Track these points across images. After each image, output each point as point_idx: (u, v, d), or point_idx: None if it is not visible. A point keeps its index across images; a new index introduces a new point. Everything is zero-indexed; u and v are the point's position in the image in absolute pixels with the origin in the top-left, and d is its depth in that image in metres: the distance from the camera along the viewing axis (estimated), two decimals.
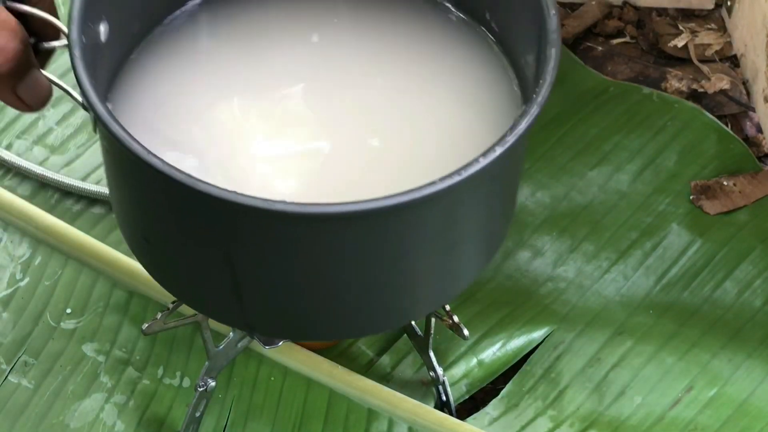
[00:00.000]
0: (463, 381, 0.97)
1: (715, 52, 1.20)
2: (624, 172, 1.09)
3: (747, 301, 1.02)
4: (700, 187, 1.08)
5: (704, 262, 1.04)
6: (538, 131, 1.09)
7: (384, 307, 0.72)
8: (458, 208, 0.66)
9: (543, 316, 1.00)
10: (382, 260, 0.67)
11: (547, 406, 0.96)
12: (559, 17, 0.66)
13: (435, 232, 0.66)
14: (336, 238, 0.65)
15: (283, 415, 0.94)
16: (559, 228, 1.06)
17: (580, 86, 1.14)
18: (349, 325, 0.74)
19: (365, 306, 0.71)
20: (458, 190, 0.61)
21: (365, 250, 0.66)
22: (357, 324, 0.74)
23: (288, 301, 0.69)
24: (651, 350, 0.98)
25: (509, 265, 1.03)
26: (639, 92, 1.14)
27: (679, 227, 1.06)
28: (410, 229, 0.65)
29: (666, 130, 1.11)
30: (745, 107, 1.16)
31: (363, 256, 0.66)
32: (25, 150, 1.09)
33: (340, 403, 0.94)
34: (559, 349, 0.99)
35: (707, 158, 1.10)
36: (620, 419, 0.95)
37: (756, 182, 1.08)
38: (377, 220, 0.64)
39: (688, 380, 0.97)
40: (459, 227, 0.68)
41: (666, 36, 1.21)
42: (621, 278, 1.03)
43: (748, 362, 0.98)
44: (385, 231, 0.65)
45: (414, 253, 0.68)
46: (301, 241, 0.64)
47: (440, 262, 0.70)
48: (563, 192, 1.08)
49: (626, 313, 1.01)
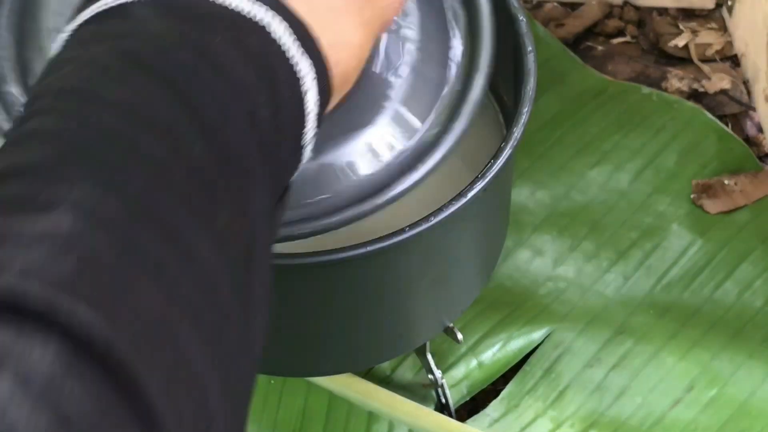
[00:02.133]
0: (463, 382, 0.97)
1: (716, 51, 1.20)
2: (624, 172, 1.09)
3: (747, 301, 1.01)
4: (701, 186, 1.07)
5: (705, 263, 1.04)
6: (537, 130, 1.09)
7: (375, 342, 0.73)
8: (437, 246, 0.66)
9: (543, 316, 1.00)
10: (366, 300, 0.68)
11: (548, 407, 0.96)
12: (535, 55, 0.66)
13: (417, 271, 0.67)
14: (317, 281, 0.65)
15: (283, 418, 0.94)
16: (559, 227, 1.06)
17: (579, 86, 1.14)
18: (341, 362, 0.75)
19: (350, 345, 0.72)
20: (429, 234, 0.61)
21: (341, 293, 0.67)
22: (349, 360, 0.75)
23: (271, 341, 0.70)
24: (651, 350, 0.98)
25: (509, 264, 1.03)
26: (639, 92, 1.14)
27: (680, 227, 1.06)
28: (390, 270, 0.66)
29: (666, 129, 1.11)
30: (745, 107, 1.16)
31: (341, 298, 0.67)
32: None
33: (340, 406, 0.94)
34: (559, 350, 0.99)
35: (707, 158, 1.10)
36: (621, 420, 0.95)
37: (757, 182, 1.08)
38: (350, 266, 0.64)
39: (688, 380, 0.97)
40: (442, 263, 0.68)
41: (666, 36, 1.21)
42: (621, 278, 1.03)
43: (748, 362, 0.98)
44: (363, 273, 0.65)
45: (397, 291, 0.68)
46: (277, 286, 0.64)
47: (430, 295, 0.70)
48: (563, 191, 1.08)
49: (626, 313, 1.01)
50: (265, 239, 0.42)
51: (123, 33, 0.41)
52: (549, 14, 1.23)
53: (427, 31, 0.60)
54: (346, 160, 0.57)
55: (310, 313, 0.69)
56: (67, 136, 0.38)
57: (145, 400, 0.33)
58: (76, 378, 0.32)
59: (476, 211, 0.66)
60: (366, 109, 0.58)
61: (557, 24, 1.22)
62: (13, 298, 0.32)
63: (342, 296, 0.67)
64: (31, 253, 0.33)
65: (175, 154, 0.38)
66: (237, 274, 0.39)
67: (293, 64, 0.43)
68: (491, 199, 0.69)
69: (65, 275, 0.33)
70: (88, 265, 0.34)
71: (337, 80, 0.46)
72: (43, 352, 0.31)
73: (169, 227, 0.37)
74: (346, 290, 0.67)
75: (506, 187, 0.73)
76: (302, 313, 0.69)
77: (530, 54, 0.66)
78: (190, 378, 0.35)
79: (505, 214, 0.76)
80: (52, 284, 0.33)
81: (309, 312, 0.69)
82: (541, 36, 1.16)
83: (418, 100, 0.58)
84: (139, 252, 0.35)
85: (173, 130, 0.39)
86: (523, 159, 1.08)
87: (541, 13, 1.23)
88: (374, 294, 0.68)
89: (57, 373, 0.31)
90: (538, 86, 0.67)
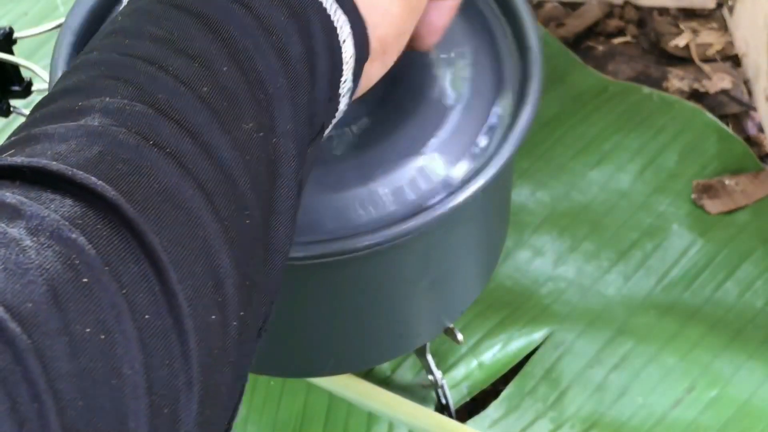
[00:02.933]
0: (463, 383, 0.97)
1: (717, 51, 1.20)
2: (624, 172, 1.09)
3: (748, 301, 1.01)
4: (701, 186, 1.07)
5: (705, 263, 1.04)
6: (537, 130, 1.09)
7: (375, 342, 0.73)
8: (437, 246, 0.66)
9: (543, 316, 1.00)
10: (366, 300, 0.68)
11: (548, 408, 0.96)
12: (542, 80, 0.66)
13: (417, 271, 0.67)
14: (317, 281, 0.66)
15: (283, 419, 0.94)
16: (559, 227, 1.05)
17: (579, 85, 1.14)
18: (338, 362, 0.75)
19: (350, 345, 0.72)
20: (429, 234, 0.62)
21: (341, 293, 0.67)
22: (344, 360, 0.75)
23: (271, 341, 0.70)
24: (652, 351, 0.98)
25: (509, 265, 1.03)
26: (639, 92, 1.13)
27: (680, 227, 1.05)
28: (390, 270, 0.66)
29: (666, 129, 1.11)
30: (746, 107, 1.16)
31: (341, 298, 0.68)
32: None
33: (340, 407, 0.94)
34: (560, 350, 0.98)
35: (708, 158, 1.09)
36: (621, 420, 0.94)
37: (758, 182, 1.08)
38: (350, 266, 0.64)
39: (689, 381, 0.97)
40: (442, 263, 0.68)
41: (667, 35, 1.21)
42: (622, 278, 1.03)
43: (749, 363, 0.97)
44: (364, 273, 0.66)
45: (397, 291, 0.68)
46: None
47: (431, 296, 0.70)
48: (563, 191, 1.08)
49: (627, 313, 1.01)
50: (291, 162, 0.45)
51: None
52: (549, 14, 1.23)
53: (480, 66, 0.65)
54: (395, 186, 0.61)
55: (310, 313, 0.69)
56: (107, 62, 0.43)
57: (152, 252, 0.37)
58: (87, 225, 0.36)
59: (477, 210, 0.66)
60: (417, 138, 0.62)
61: (558, 24, 1.22)
62: (39, 172, 0.37)
63: (342, 296, 0.67)
64: (62, 146, 0.38)
65: (203, 73, 0.43)
66: (258, 181, 0.43)
67: (330, 14, 0.47)
68: (492, 199, 0.69)
69: (87, 160, 0.38)
70: (108, 153, 0.38)
71: (375, 43, 0.49)
72: (58, 207, 0.36)
73: (189, 126, 0.41)
74: (347, 290, 0.67)
75: (507, 186, 0.73)
76: (302, 313, 0.69)
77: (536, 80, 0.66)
78: (201, 245, 0.39)
79: (506, 214, 0.76)
80: (74, 165, 0.37)
81: (309, 312, 0.69)
82: (542, 36, 1.16)
83: (464, 133, 0.63)
84: (158, 144, 0.40)
85: (203, 56, 0.43)
86: (523, 159, 1.08)
87: (541, 13, 1.23)
88: (374, 294, 0.68)
89: (69, 220, 0.36)
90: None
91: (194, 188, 0.40)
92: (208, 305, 0.38)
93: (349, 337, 0.71)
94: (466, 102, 0.64)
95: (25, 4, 1.16)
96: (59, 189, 0.37)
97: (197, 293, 0.38)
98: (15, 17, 1.14)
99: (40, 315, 0.33)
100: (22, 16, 1.14)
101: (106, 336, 0.35)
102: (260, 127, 0.43)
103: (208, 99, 0.42)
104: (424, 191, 0.61)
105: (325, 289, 0.67)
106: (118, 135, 0.39)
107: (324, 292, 0.67)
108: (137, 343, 0.35)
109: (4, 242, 0.35)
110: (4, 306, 0.33)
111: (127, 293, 0.36)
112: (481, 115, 0.64)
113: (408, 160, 0.62)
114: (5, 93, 0.75)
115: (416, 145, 0.62)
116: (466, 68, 0.65)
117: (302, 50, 0.45)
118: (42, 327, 0.33)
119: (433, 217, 0.60)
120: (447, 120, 0.63)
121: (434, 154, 0.62)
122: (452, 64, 0.65)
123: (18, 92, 0.75)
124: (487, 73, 0.65)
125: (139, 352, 0.35)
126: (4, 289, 0.33)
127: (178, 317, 0.37)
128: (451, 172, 0.62)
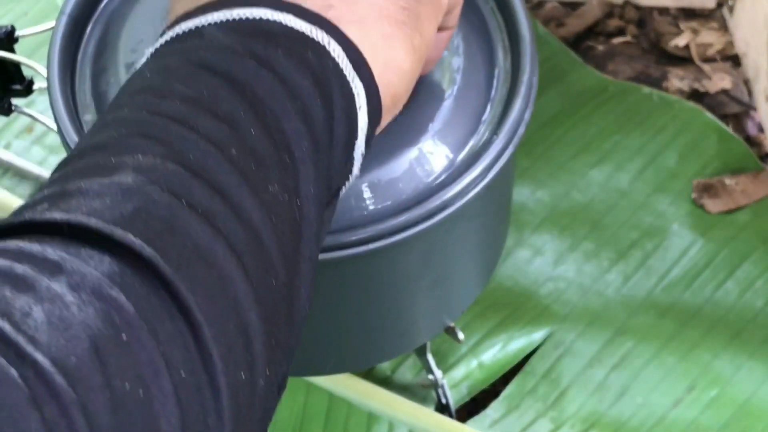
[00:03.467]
0: (463, 383, 0.97)
1: (717, 51, 1.20)
2: (624, 172, 1.09)
3: (748, 301, 1.01)
4: (702, 186, 1.07)
5: (705, 263, 1.04)
6: (537, 130, 1.09)
7: (375, 342, 0.73)
8: (438, 245, 0.66)
9: (543, 316, 1.00)
10: (366, 299, 0.68)
11: (548, 408, 0.96)
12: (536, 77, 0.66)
13: (418, 270, 0.67)
14: (317, 280, 0.65)
15: (283, 418, 0.94)
16: (559, 227, 1.05)
17: (580, 85, 1.14)
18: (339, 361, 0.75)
19: (350, 344, 0.72)
20: (430, 233, 0.61)
21: (341, 292, 0.67)
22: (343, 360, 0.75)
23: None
24: (652, 351, 0.98)
25: (509, 264, 1.03)
26: (639, 91, 1.14)
27: (681, 227, 1.05)
28: (390, 269, 0.66)
29: (666, 129, 1.11)
30: (746, 107, 1.16)
31: (341, 297, 0.68)
32: (24, 150, 1.09)
33: (340, 406, 0.94)
34: (560, 350, 0.98)
35: (708, 158, 1.09)
36: (621, 420, 0.95)
37: (758, 182, 1.08)
38: (350, 265, 0.64)
39: (689, 381, 0.97)
40: (443, 262, 0.68)
41: (667, 35, 1.21)
42: (622, 278, 1.03)
43: (749, 363, 0.98)
44: (364, 272, 0.66)
45: (398, 290, 0.68)
46: None
47: (431, 295, 0.70)
48: (563, 191, 1.08)
49: (627, 313, 1.01)
50: (312, 224, 0.46)
51: (194, 47, 0.47)
52: (549, 14, 1.23)
53: (473, 59, 0.65)
54: (390, 177, 0.61)
55: (311, 312, 0.68)
56: (138, 121, 0.44)
57: (187, 311, 0.38)
58: (125, 282, 0.37)
59: (477, 210, 0.66)
60: (411, 129, 0.62)
61: (558, 23, 1.22)
62: (77, 228, 0.38)
63: (342, 295, 0.67)
64: (96, 201, 0.39)
65: (232, 135, 0.43)
66: (284, 242, 0.43)
67: (349, 80, 0.48)
68: (492, 198, 0.69)
69: (123, 217, 0.39)
70: (143, 210, 0.39)
71: (387, 101, 0.50)
72: (97, 264, 0.37)
73: (219, 187, 0.42)
74: (347, 289, 0.67)
75: (507, 186, 0.73)
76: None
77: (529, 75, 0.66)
78: (232, 304, 0.40)
79: (507, 213, 0.76)
80: (110, 222, 0.39)
81: (309, 311, 0.68)
82: (542, 35, 1.16)
83: (460, 123, 0.63)
84: (190, 204, 0.41)
85: (232, 117, 0.44)
86: (523, 159, 1.08)
87: (541, 13, 1.23)
88: (375, 293, 0.68)
89: (108, 277, 0.37)
90: (539, 85, 0.66)
91: (225, 248, 0.41)
92: (239, 363, 0.40)
93: (349, 336, 0.71)
94: (460, 93, 0.64)
95: (25, 3, 1.16)
96: (97, 245, 0.38)
97: (230, 351, 0.39)
98: (15, 17, 1.14)
99: (83, 369, 0.35)
100: (22, 16, 1.14)
101: (145, 391, 0.36)
102: (285, 189, 0.44)
103: (237, 160, 0.43)
104: (423, 185, 0.61)
105: (325, 288, 0.66)
106: (152, 193, 0.40)
107: (324, 291, 0.67)
108: (173, 398, 0.37)
109: (49, 297, 0.36)
110: (51, 359, 0.34)
111: (164, 350, 0.37)
112: (475, 106, 0.64)
113: (404, 152, 0.62)
114: (7, 91, 0.75)
115: (411, 135, 0.62)
116: (459, 58, 0.65)
117: (325, 115, 0.46)
118: (85, 381, 0.35)
119: (433, 212, 0.60)
120: (442, 111, 0.63)
121: (430, 144, 0.62)
122: (445, 58, 0.65)
123: (19, 91, 0.75)
124: (480, 64, 0.65)
125: (175, 407, 0.37)
126: (49, 343, 0.35)
127: (213, 374, 0.38)
128: (449, 164, 0.62)
